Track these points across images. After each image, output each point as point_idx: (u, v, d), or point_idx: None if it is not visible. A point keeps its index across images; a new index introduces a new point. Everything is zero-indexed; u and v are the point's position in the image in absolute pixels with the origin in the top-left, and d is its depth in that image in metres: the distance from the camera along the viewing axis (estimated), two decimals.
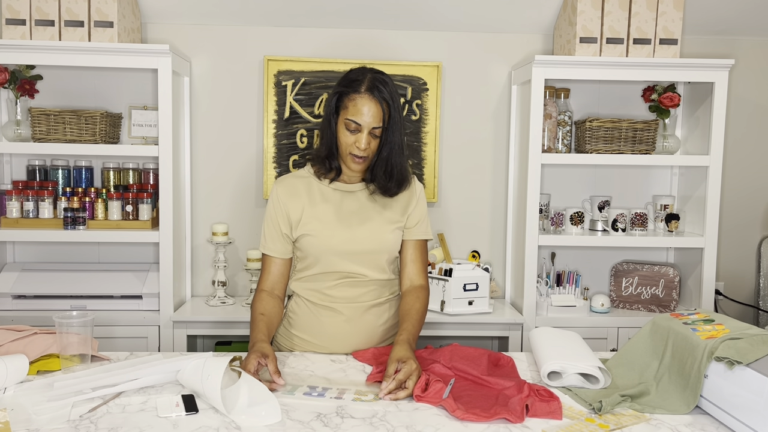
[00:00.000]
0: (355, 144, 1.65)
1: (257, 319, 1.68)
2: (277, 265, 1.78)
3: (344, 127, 1.65)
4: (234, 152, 2.78)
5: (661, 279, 2.74)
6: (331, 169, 1.74)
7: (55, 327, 1.54)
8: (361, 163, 1.68)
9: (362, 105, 1.63)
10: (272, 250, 1.77)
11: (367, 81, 1.64)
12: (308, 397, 1.39)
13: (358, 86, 1.64)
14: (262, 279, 1.79)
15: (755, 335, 1.34)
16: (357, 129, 1.64)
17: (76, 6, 2.39)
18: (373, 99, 1.63)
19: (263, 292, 1.76)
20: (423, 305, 1.75)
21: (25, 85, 2.56)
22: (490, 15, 2.69)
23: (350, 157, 1.67)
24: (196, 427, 1.25)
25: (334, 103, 1.68)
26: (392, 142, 1.68)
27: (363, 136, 1.64)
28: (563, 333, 1.68)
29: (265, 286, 1.78)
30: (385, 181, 1.72)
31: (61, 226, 2.49)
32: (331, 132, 1.69)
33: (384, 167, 1.70)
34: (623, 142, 2.59)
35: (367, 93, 1.63)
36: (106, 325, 2.44)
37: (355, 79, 1.66)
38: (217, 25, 2.73)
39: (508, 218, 2.82)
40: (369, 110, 1.63)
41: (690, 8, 2.64)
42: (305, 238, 1.72)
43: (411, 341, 1.60)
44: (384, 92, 1.64)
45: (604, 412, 1.34)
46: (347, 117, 1.64)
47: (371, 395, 1.41)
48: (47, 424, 1.24)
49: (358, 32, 2.76)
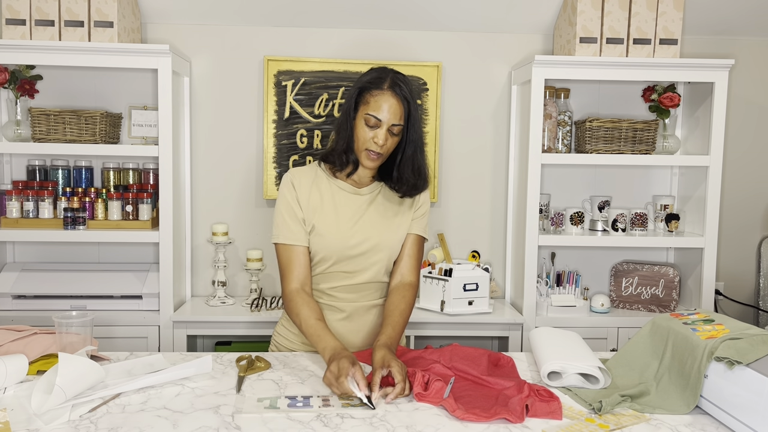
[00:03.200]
0: (372, 139, 1.65)
1: (317, 326, 1.60)
2: (304, 254, 1.70)
3: (363, 122, 1.66)
4: (234, 152, 2.78)
5: (661, 279, 2.74)
6: (348, 162, 1.73)
7: (55, 327, 1.54)
8: (375, 159, 1.68)
9: (384, 101, 1.64)
10: (296, 239, 1.69)
11: (389, 79, 1.66)
12: (294, 409, 1.34)
13: (380, 83, 1.66)
14: (289, 275, 1.69)
15: (755, 335, 1.34)
16: (376, 124, 1.65)
17: (76, 6, 2.39)
18: (395, 96, 1.65)
19: (299, 293, 1.67)
20: (408, 305, 1.73)
21: (25, 85, 2.56)
22: (490, 15, 2.69)
23: (365, 153, 1.67)
24: (196, 427, 1.25)
25: (354, 98, 1.69)
26: (415, 140, 1.72)
27: (382, 131, 1.65)
28: (563, 333, 1.68)
29: (297, 282, 1.69)
30: (414, 178, 1.73)
31: (61, 226, 2.50)
32: (350, 127, 1.69)
33: (411, 165, 1.73)
34: (623, 142, 2.59)
35: (390, 90, 1.65)
36: (106, 325, 2.44)
37: (377, 76, 1.68)
38: (217, 25, 2.73)
39: (508, 218, 2.82)
40: (390, 107, 1.64)
41: (690, 8, 2.64)
42: (315, 236, 1.71)
43: (391, 345, 1.58)
44: (405, 90, 1.66)
45: (604, 412, 1.34)
46: (368, 112, 1.65)
47: (357, 399, 1.39)
48: (47, 423, 1.24)
49: (359, 32, 2.76)
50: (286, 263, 1.71)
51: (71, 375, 1.32)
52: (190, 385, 1.46)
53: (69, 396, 1.31)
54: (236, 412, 1.32)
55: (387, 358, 1.48)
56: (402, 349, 1.69)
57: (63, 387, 1.29)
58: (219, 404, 1.36)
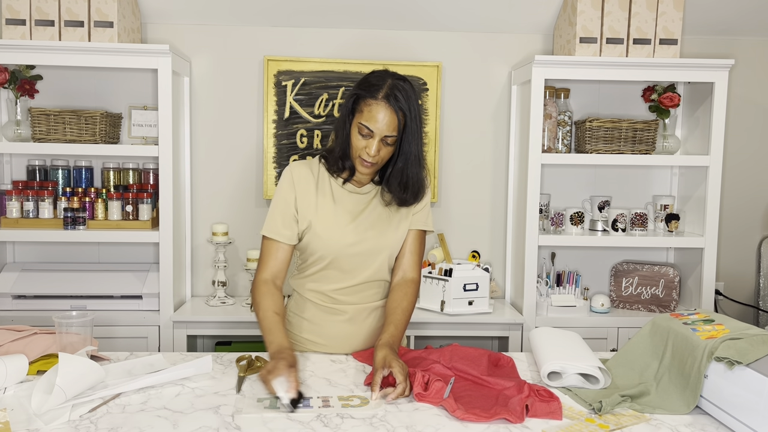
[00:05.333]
0: (365, 149, 1.61)
1: (272, 319, 1.59)
2: (284, 251, 1.69)
3: (357, 130, 1.62)
4: (234, 152, 2.78)
5: (661, 279, 2.74)
6: (344, 168, 1.70)
7: (55, 327, 1.54)
8: (369, 167, 1.65)
9: (377, 112, 1.58)
10: (282, 235, 1.68)
11: (386, 87, 1.60)
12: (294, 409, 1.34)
13: (375, 91, 1.60)
14: (263, 266, 1.69)
15: (755, 335, 1.34)
16: (369, 135, 1.60)
17: (76, 6, 2.39)
18: (389, 107, 1.58)
19: (267, 284, 1.66)
20: (410, 303, 1.72)
21: (25, 85, 2.56)
22: (490, 15, 2.69)
23: (359, 160, 1.64)
24: (196, 427, 1.25)
25: (350, 104, 1.65)
26: (408, 153, 1.65)
27: (374, 142, 1.60)
28: (563, 333, 1.68)
29: (268, 274, 1.68)
30: (400, 192, 1.69)
31: (61, 226, 2.50)
32: (345, 133, 1.66)
33: (399, 178, 1.67)
34: (623, 142, 2.59)
35: (384, 100, 1.58)
36: (106, 325, 2.44)
37: (374, 83, 1.61)
38: (217, 25, 2.73)
39: (508, 218, 2.82)
40: (383, 118, 1.58)
41: (690, 8, 2.64)
42: (312, 235, 1.69)
43: (393, 344, 1.58)
44: (401, 101, 1.59)
45: (604, 413, 1.34)
46: (361, 121, 1.60)
47: (356, 399, 1.40)
48: (47, 424, 1.24)
49: (359, 32, 2.76)
50: (265, 254, 1.70)
51: (71, 375, 1.32)
52: (190, 385, 1.46)
53: (69, 396, 1.31)
54: (236, 412, 1.32)
55: (389, 358, 1.47)
56: (402, 349, 1.69)
57: (63, 387, 1.29)
58: (219, 404, 1.36)
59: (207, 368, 1.52)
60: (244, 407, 1.34)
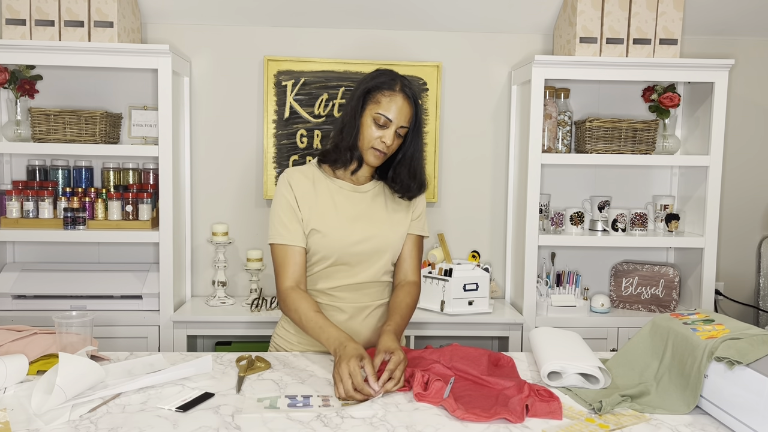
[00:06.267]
0: (380, 139, 1.67)
1: (318, 318, 1.59)
2: (300, 254, 1.69)
3: (372, 120, 1.67)
4: (234, 152, 2.78)
5: (661, 279, 2.74)
6: (352, 159, 1.73)
7: (55, 327, 1.54)
8: (380, 157, 1.71)
9: (396, 102, 1.67)
10: (294, 239, 1.69)
11: (399, 81, 1.70)
12: (294, 409, 1.34)
13: (393, 84, 1.68)
14: (283, 274, 1.68)
15: (755, 335, 1.34)
16: (386, 124, 1.67)
17: (76, 6, 2.39)
18: (406, 98, 1.68)
19: (295, 290, 1.67)
20: (413, 301, 1.77)
21: (25, 85, 2.56)
22: (490, 15, 2.69)
23: (371, 150, 1.69)
24: (196, 427, 1.25)
25: (362, 98, 1.70)
26: (417, 144, 1.75)
27: (390, 131, 1.67)
28: (563, 333, 1.68)
29: (291, 281, 1.68)
30: (408, 180, 1.75)
31: (61, 226, 2.49)
32: (356, 125, 1.70)
33: (408, 167, 1.75)
34: (623, 142, 2.59)
35: (401, 92, 1.68)
36: (106, 325, 2.44)
37: (390, 78, 1.70)
38: (217, 25, 2.73)
39: (508, 218, 2.82)
40: (401, 108, 1.67)
41: (690, 8, 2.64)
42: (316, 235, 1.70)
43: (398, 332, 1.63)
44: (414, 94, 1.71)
45: (604, 412, 1.34)
46: (378, 111, 1.67)
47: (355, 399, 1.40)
48: (47, 424, 1.24)
49: (358, 32, 2.76)
50: (281, 262, 1.70)
51: (71, 375, 1.32)
52: (190, 385, 1.46)
53: (69, 396, 1.31)
54: (236, 412, 1.32)
55: (393, 345, 1.51)
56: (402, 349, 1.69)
57: (63, 387, 1.29)
58: (219, 404, 1.36)
59: (207, 368, 1.52)
60: (244, 407, 1.34)
